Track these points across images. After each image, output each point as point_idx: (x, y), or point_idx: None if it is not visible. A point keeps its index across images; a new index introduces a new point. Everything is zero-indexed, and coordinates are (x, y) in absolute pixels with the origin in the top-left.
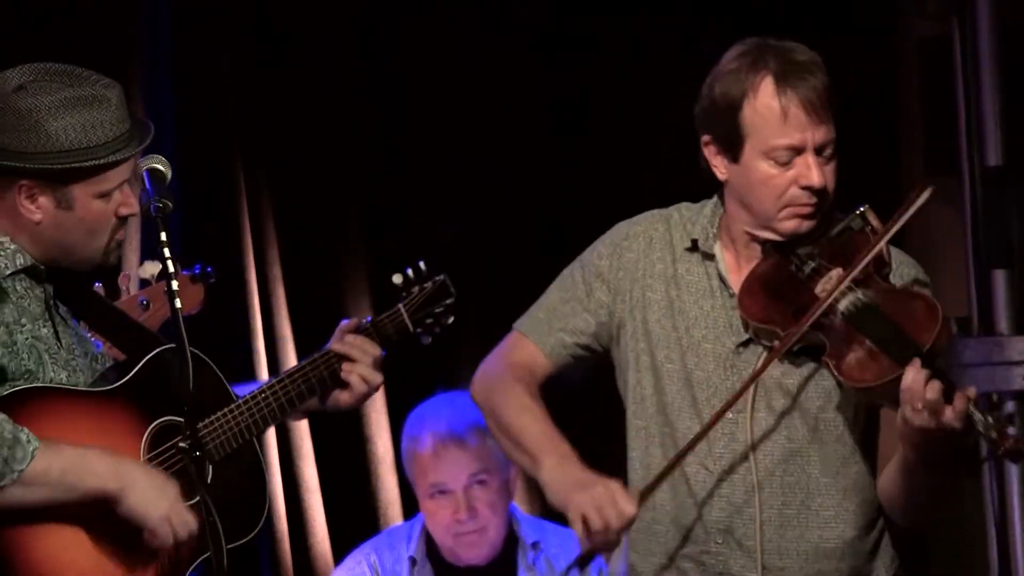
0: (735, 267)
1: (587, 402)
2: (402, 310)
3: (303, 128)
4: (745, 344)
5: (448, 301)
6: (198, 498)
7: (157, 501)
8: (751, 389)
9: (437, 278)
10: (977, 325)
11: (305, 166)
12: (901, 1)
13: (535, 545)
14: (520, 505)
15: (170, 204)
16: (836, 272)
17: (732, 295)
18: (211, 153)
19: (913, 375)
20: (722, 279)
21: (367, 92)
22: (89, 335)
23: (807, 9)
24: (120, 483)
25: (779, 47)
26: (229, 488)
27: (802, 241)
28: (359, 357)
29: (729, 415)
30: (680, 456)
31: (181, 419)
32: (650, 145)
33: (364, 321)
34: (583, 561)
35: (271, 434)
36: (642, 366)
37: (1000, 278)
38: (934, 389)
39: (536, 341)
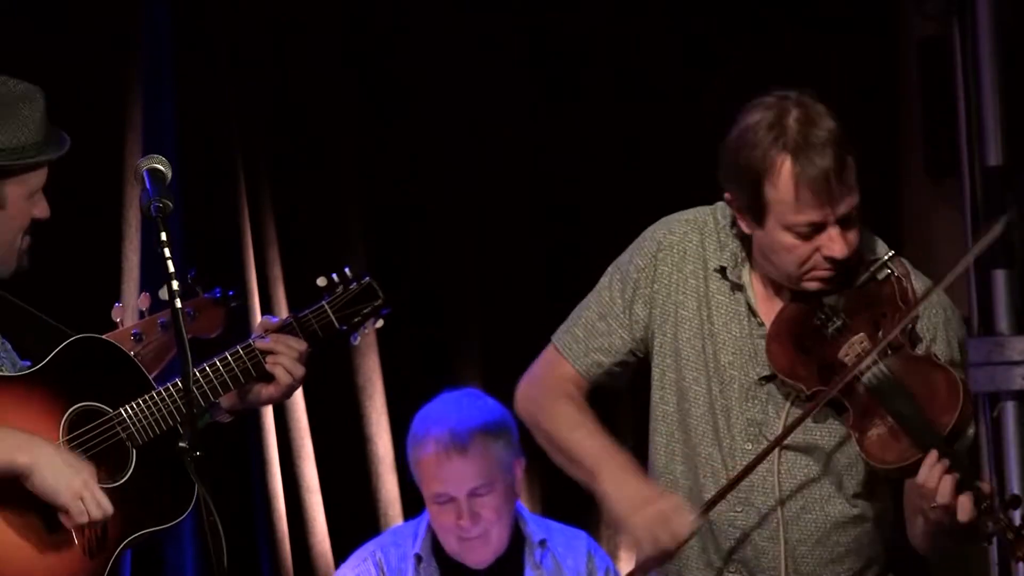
0: (764, 296)
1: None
2: (327, 307)
3: (303, 128)
4: (769, 379)
5: (376, 303)
6: (119, 482)
7: (69, 478)
8: (781, 426)
9: (363, 280)
10: (977, 325)
11: (305, 166)
12: (901, 1)
13: (542, 543)
14: (525, 504)
15: (170, 204)
16: (859, 336)
17: (760, 324)
18: (211, 153)
19: (927, 471)
20: (751, 308)
21: (367, 92)
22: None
23: (807, 9)
24: (30, 458)
25: (799, 119)
26: (154, 474)
27: (826, 292)
28: (282, 350)
29: (748, 446)
30: (733, 484)
31: (99, 404)
32: (649, 146)
33: (288, 317)
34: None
35: (271, 434)
36: (667, 383)
37: (1000, 278)
38: (946, 489)
39: (573, 361)
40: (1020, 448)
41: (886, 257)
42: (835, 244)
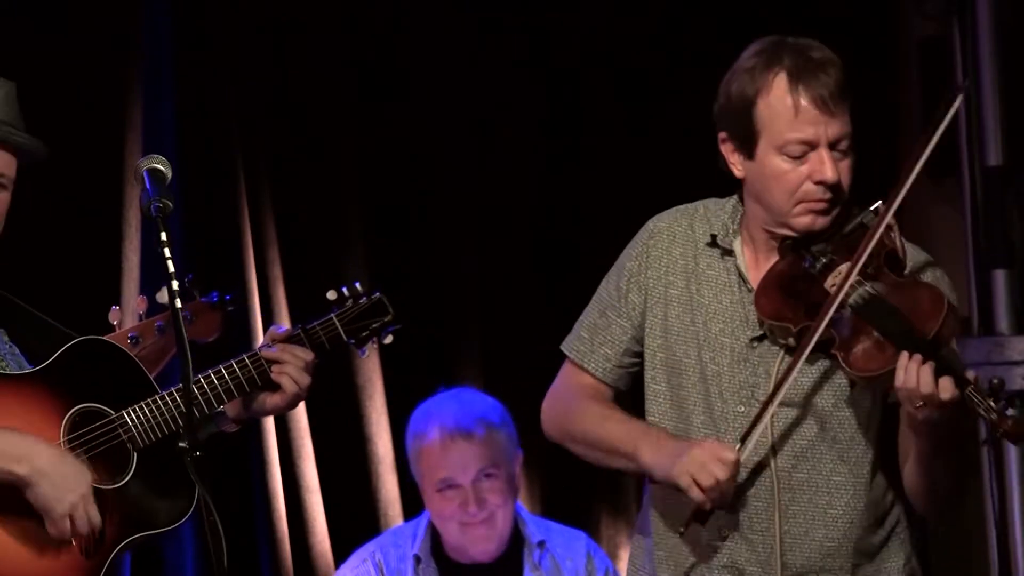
0: (754, 263)
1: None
2: (335, 320)
3: (303, 128)
4: (760, 339)
5: (386, 318)
6: (118, 484)
7: (62, 495)
8: (771, 384)
9: (374, 295)
10: (977, 325)
11: (305, 166)
12: (901, 1)
13: (541, 544)
14: (524, 504)
15: (170, 204)
16: (845, 266)
17: (750, 290)
18: (211, 153)
19: (910, 366)
20: (741, 275)
21: (367, 92)
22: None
23: (807, 9)
24: (29, 469)
25: (795, 44)
26: (155, 476)
27: (817, 238)
28: (288, 359)
29: (741, 408)
30: (768, 402)
31: (102, 406)
32: (649, 147)
33: (295, 327)
34: (701, 517)
35: (271, 434)
36: (657, 362)
37: (1000, 278)
38: (926, 381)
39: (583, 362)
40: (1020, 448)
41: (874, 206)
42: (826, 167)
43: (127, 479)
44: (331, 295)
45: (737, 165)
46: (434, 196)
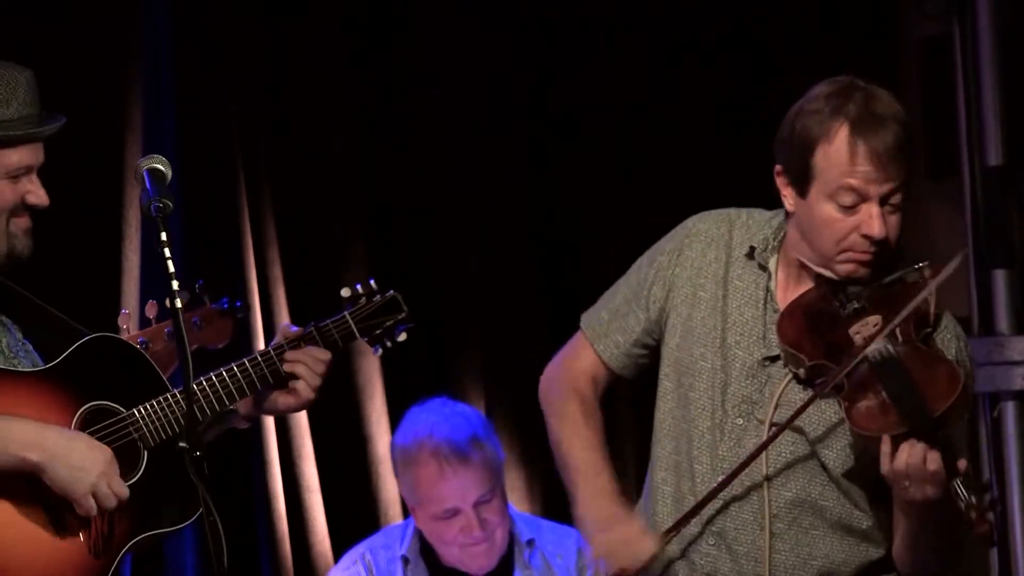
0: (785, 285)
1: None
2: (348, 317)
3: (303, 129)
4: (773, 359)
5: (400, 316)
6: (129, 483)
7: (80, 475)
8: (771, 407)
9: (388, 293)
10: (977, 325)
11: (305, 166)
12: (901, 1)
13: (530, 543)
14: (521, 503)
15: (170, 204)
16: (875, 319)
17: (776, 310)
18: (211, 153)
19: (897, 452)
20: (770, 292)
21: (368, 92)
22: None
23: (808, 9)
24: (44, 455)
25: (863, 94)
26: (165, 476)
27: (855, 282)
28: (307, 361)
29: (739, 421)
30: (704, 502)
31: (113, 404)
32: (650, 148)
33: (308, 325)
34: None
35: (271, 434)
36: (672, 360)
37: (1000, 278)
38: (916, 466)
39: (594, 342)
40: (1020, 448)
41: (920, 264)
42: (875, 222)
43: (137, 478)
44: (345, 292)
45: (789, 198)
46: (434, 196)
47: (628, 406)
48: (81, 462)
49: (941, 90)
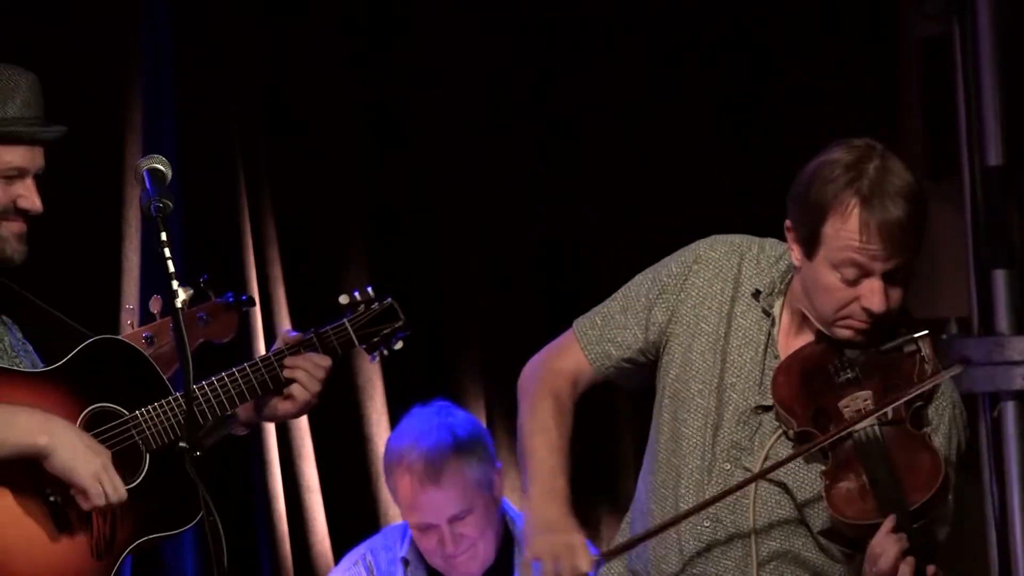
0: (788, 332)
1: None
2: (347, 325)
3: (303, 129)
4: (766, 409)
5: (397, 324)
6: (131, 485)
7: (87, 459)
8: (761, 457)
9: (385, 300)
10: (977, 325)
11: (305, 166)
12: (901, 1)
13: None
14: (521, 504)
15: (170, 204)
16: (865, 393)
17: (776, 357)
18: (211, 153)
19: (882, 534)
20: (772, 339)
21: (367, 92)
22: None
23: (808, 9)
24: (49, 438)
25: (879, 166)
26: (166, 478)
27: (854, 343)
28: (303, 364)
29: (727, 466)
30: (655, 531)
31: (116, 406)
32: (650, 149)
33: (308, 331)
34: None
35: (271, 434)
36: (668, 392)
37: (1000, 278)
38: (891, 553)
39: (585, 347)
40: (1020, 448)
41: (919, 335)
42: (875, 297)
43: (139, 480)
44: (343, 299)
45: (796, 254)
46: (434, 196)
47: (629, 408)
48: (87, 451)
49: (941, 90)
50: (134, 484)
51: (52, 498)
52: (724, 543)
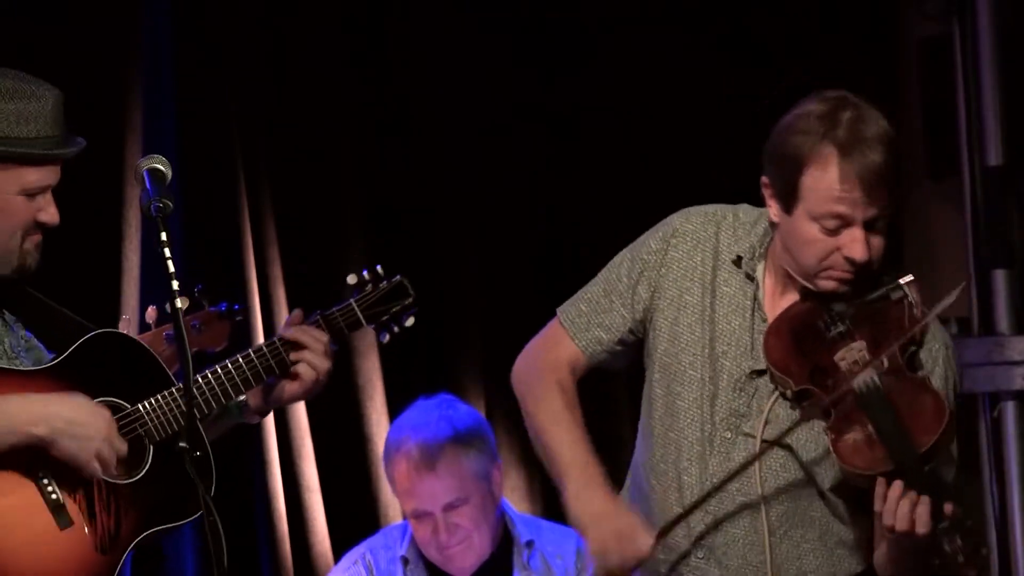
0: (773, 292)
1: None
2: (354, 305)
3: (303, 128)
4: (760, 373)
5: (407, 301)
6: (135, 478)
7: (85, 444)
8: (762, 422)
9: (394, 278)
10: (977, 325)
11: (305, 166)
12: (901, 1)
13: (529, 544)
14: (521, 503)
15: (170, 204)
16: (859, 344)
17: (764, 320)
18: (211, 153)
19: (884, 499)
20: (758, 302)
21: (367, 91)
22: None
23: (808, 9)
24: (48, 429)
25: (853, 115)
26: (169, 471)
27: (839, 295)
28: (308, 343)
29: (728, 434)
30: (704, 498)
31: (119, 400)
32: (649, 146)
33: (314, 314)
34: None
35: (271, 434)
36: (659, 366)
37: (1000, 278)
38: (903, 515)
39: (574, 336)
40: (1020, 448)
41: (904, 281)
42: (857, 245)
43: (143, 473)
44: (351, 279)
45: (774, 210)
46: (434, 196)
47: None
48: (85, 431)
49: (941, 90)
50: (138, 477)
51: (54, 496)
52: (732, 514)
